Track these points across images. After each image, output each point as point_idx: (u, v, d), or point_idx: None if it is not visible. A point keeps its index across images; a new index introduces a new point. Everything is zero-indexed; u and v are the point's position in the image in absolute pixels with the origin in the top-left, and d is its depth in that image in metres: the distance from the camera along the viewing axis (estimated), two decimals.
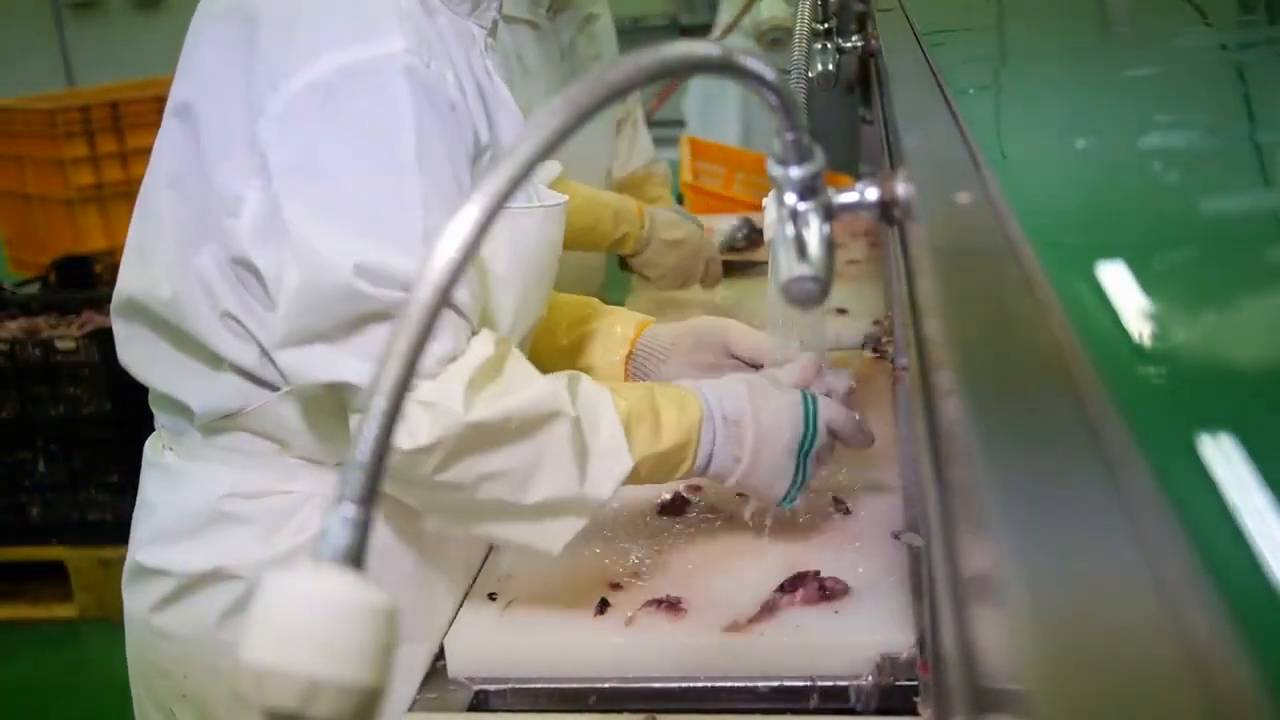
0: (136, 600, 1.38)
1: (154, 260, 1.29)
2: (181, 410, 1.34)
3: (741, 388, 1.36)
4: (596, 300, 1.69)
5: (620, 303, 2.30)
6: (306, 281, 1.15)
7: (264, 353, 1.27)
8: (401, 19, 1.18)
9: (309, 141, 1.16)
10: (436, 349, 1.16)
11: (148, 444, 1.43)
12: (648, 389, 1.32)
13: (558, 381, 1.23)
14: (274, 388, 1.29)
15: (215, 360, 1.29)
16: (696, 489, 1.58)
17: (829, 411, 1.36)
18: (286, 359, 1.19)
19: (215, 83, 1.22)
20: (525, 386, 1.20)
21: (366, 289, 1.13)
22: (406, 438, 1.14)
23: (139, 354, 1.35)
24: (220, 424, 1.32)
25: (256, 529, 1.31)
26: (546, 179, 1.76)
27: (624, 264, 2.25)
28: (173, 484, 1.36)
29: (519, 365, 1.23)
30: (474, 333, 1.21)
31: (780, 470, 1.34)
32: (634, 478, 1.27)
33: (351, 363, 1.16)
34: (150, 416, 1.41)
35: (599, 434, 1.24)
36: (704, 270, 2.24)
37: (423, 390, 1.15)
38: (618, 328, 1.64)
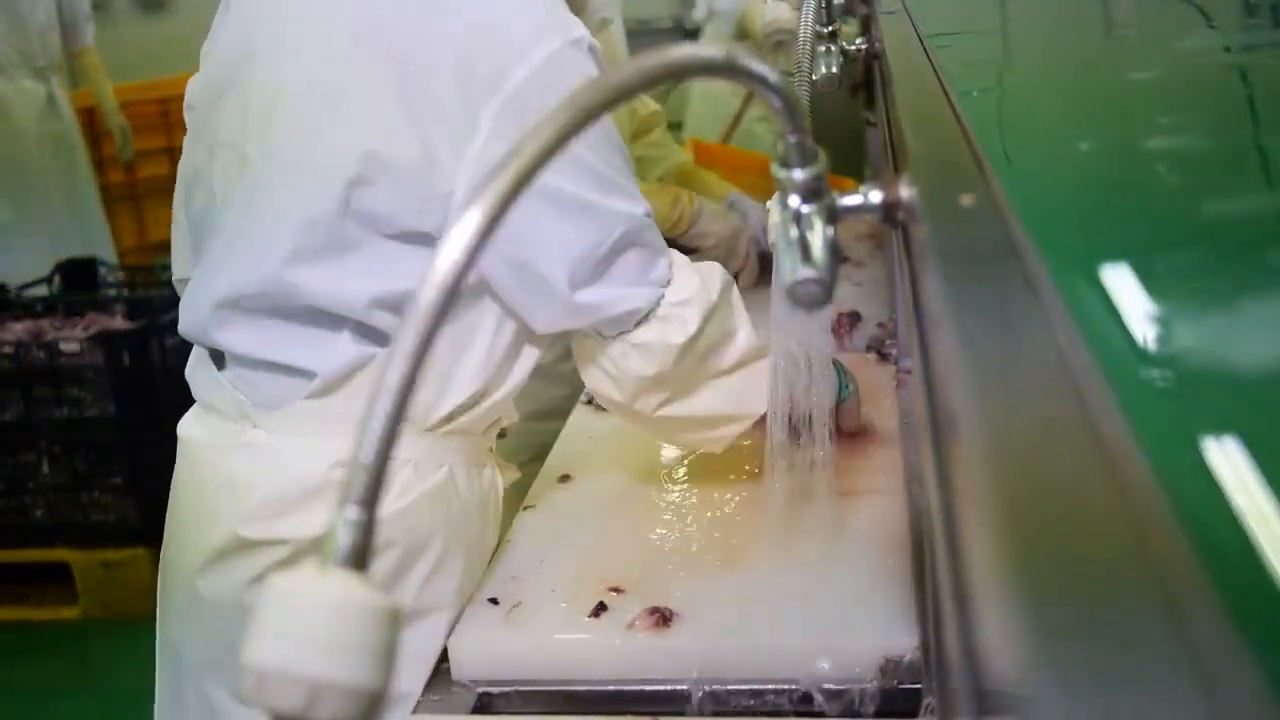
0: (225, 580, 1.38)
1: (278, 249, 1.33)
2: (299, 375, 1.37)
3: None
4: None
5: None
6: (582, 238, 1.34)
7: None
8: (566, 6, 1.35)
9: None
10: (668, 259, 1.42)
11: (205, 431, 1.44)
12: None
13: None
14: (386, 342, 1.34)
15: (337, 323, 1.35)
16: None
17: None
18: (584, 299, 1.36)
19: (405, 115, 1.29)
20: (713, 266, 1.47)
21: (628, 229, 1.35)
22: (679, 332, 1.39)
23: (246, 333, 1.38)
24: (335, 385, 1.36)
25: None
26: None
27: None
28: (272, 460, 1.38)
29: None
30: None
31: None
32: None
33: (625, 291, 1.37)
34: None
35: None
36: (744, 258, 2.31)
37: (671, 293, 1.40)
38: None
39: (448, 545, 1.40)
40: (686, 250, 2.29)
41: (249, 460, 1.39)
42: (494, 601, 1.39)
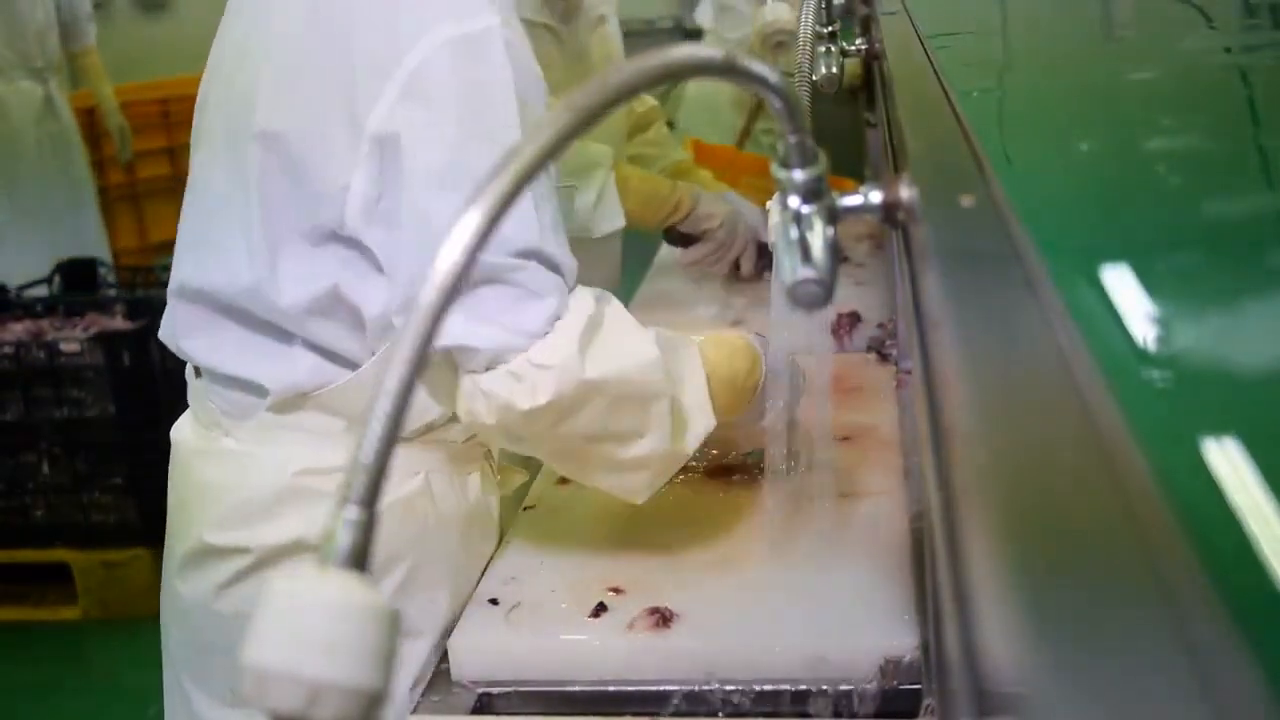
0: (198, 583, 1.38)
1: (226, 250, 1.32)
2: (254, 390, 1.35)
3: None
4: None
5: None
6: (425, 250, 1.17)
7: (357, 331, 1.31)
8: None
9: (423, 119, 1.21)
10: (545, 308, 1.23)
11: (191, 435, 1.44)
12: (719, 343, 1.46)
13: (653, 344, 1.30)
14: (353, 365, 1.32)
15: (288, 336, 1.33)
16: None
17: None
18: (402, 320, 1.24)
19: (304, 99, 1.26)
20: (635, 351, 1.28)
21: (494, 263, 1.20)
22: (526, 398, 1.22)
23: (205, 340, 1.37)
24: (293, 401, 1.34)
25: (332, 501, 1.31)
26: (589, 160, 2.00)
27: (673, 236, 2.34)
28: (240, 468, 1.38)
29: (622, 320, 1.30)
30: (570, 289, 1.27)
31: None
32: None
33: (467, 325, 1.20)
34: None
35: (686, 392, 1.34)
36: (743, 248, 2.34)
37: (536, 352, 1.22)
38: None
39: (419, 560, 1.37)
40: (690, 236, 2.31)
41: (220, 468, 1.40)
42: (494, 602, 1.39)
